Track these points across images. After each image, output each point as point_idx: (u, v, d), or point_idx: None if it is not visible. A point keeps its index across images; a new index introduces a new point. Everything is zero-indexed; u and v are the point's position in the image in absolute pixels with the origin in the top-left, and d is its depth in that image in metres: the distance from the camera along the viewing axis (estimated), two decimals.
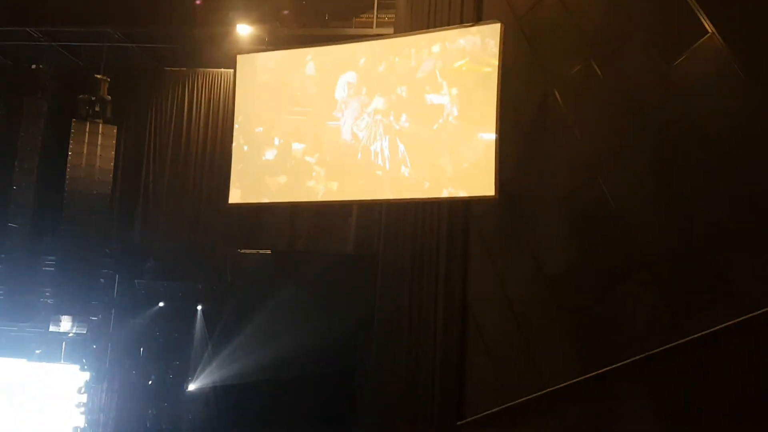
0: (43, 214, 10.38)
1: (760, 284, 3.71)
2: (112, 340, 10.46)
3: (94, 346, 10.37)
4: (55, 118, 10.38)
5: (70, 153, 9.97)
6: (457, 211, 6.03)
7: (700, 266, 4.06)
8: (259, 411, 8.94)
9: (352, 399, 8.21)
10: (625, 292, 4.54)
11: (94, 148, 10.04)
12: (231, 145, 6.57)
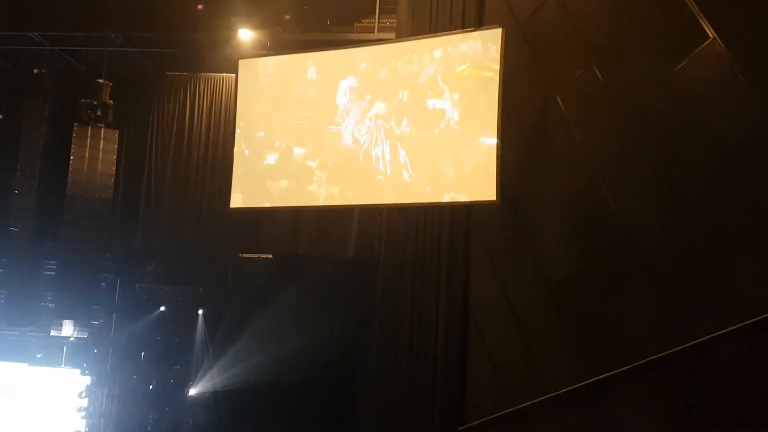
0: (44, 218, 10.37)
1: (762, 288, 3.70)
2: (113, 344, 10.45)
3: (95, 351, 10.37)
4: (57, 122, 10.38)
5: (71, 157, 9.98)
6: (459, 216, 6.03)
7: (702, 270, 4.05)
8: (260, 415, 8.95)
9: (353, 402, 8.21)
10: (626, 296, 4.53)
11: (96, 153, 10.05)
12: (232, 149, 6.57)
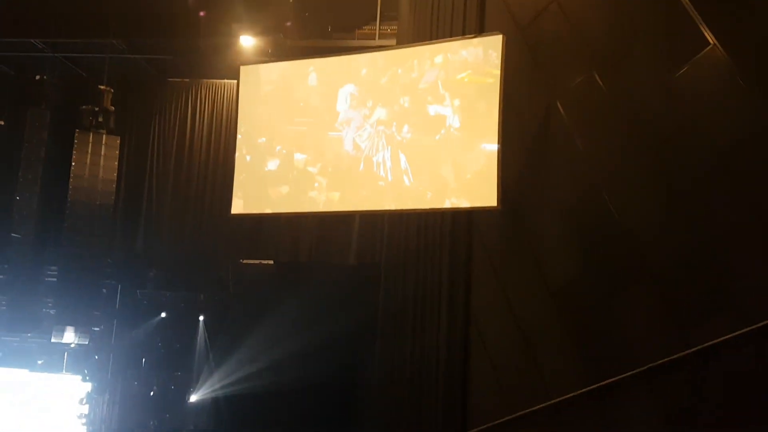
0: (46, 225, 10.38)
1: (765, 293, 3.70)
2: (114, 350, 10.44)
3: (96, 357, 10.35)
4: (59, 129, 10.39)
5: (73, 163, 9.98)
6: (460, 222, 6.03)
7: (704, 276, 4.05)
8: (261, 421, 8.93)
9: (355, 408, 8.20)
10: (627, 300, 4.53)
11: (98, 159, 10.05)
12: (233, 155, 6.59)
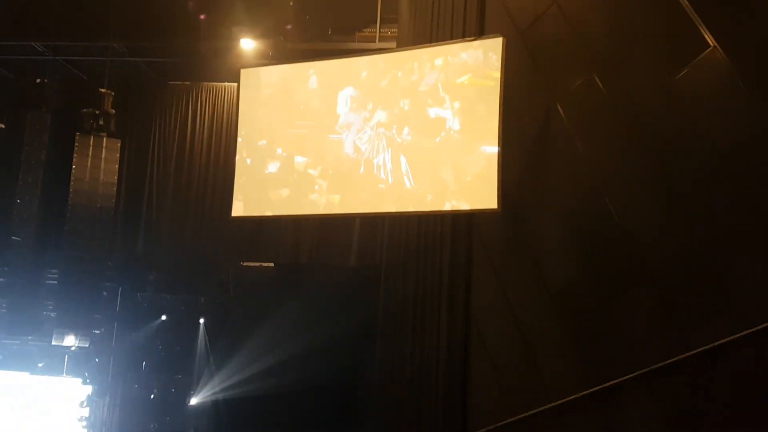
0: (46, 228, 10.37)
1: (765, 295, 3.70)
2: (115, 353, 10.43)
3: (97, 360, 10.34)
4: (59, 132, 10.38)
5: (73, 166, 9.97)
6: (460, 224, 6.03)
7: (704, 278, 4.05)
8: (262, 423, 8.91)
9: (355, 411, 8.18)
10: (628, 304, 4.53)
11: (98, 162, 10.04)
12: (234, 158, 6.60)
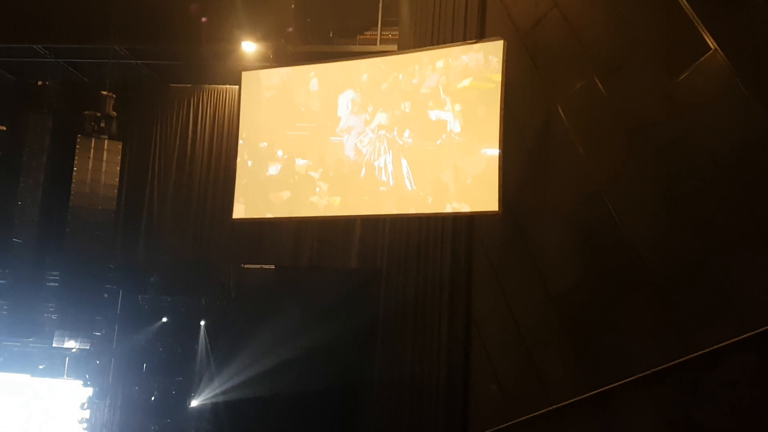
0: (47, 230, 10.36)
1: (765, 299, 3.70)
2: (115, 355, 10.42)
3: (98, 362, 10.34)
4: (61, 134, 10.38)
5: (75, 169, 9.96)
6: (461, 226, 6.04)
7: (705, 282, 4.05)
8: (262, 426, 8.90)
9: (356, 413, 8.18)
10: (629, 307, 4.53)
11: (99, 164, 10.04)
12: (235, 160, 6.60)
